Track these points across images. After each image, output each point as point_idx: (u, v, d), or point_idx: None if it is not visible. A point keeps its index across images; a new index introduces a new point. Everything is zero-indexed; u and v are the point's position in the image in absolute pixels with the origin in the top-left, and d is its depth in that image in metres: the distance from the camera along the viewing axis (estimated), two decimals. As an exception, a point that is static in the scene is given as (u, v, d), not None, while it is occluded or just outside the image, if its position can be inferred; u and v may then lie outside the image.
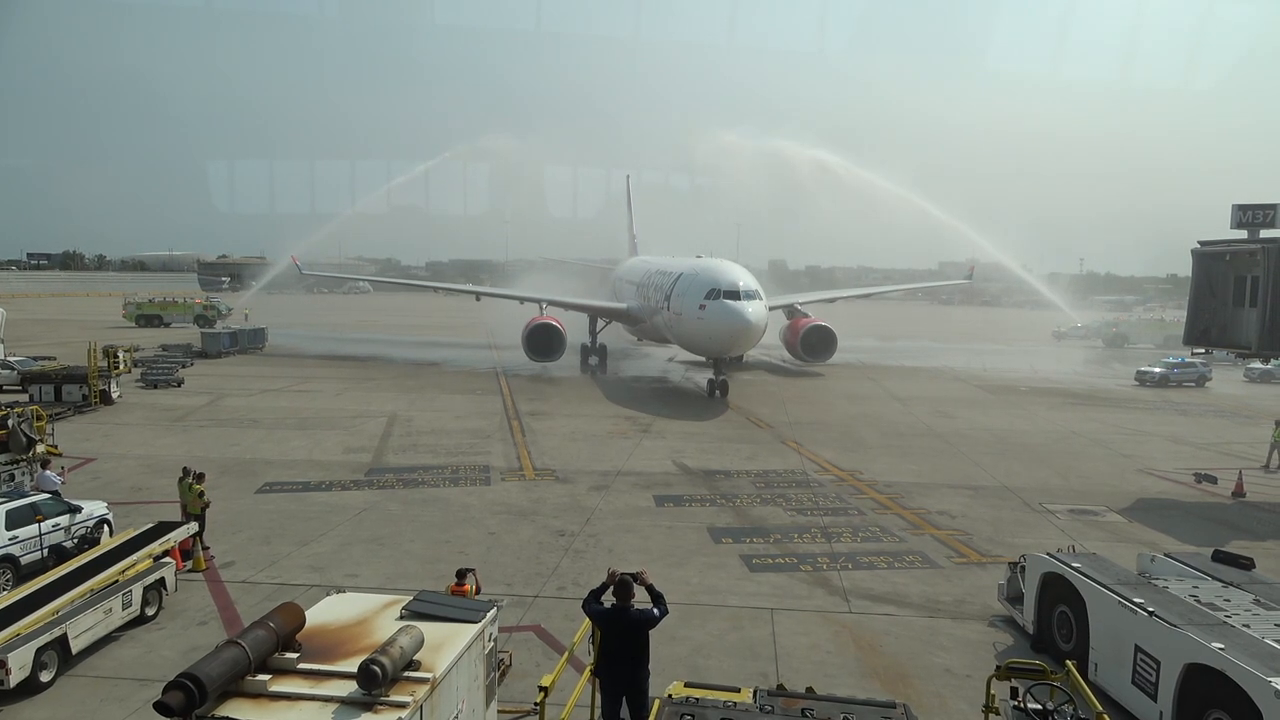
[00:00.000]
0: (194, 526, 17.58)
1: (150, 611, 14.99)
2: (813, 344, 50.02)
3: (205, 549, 17.95)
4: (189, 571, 17.14)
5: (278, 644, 8.03)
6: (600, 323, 52.73)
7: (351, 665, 7.75)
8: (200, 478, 18.85)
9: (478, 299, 58.77)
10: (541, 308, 49.23)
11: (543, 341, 46.20)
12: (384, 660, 7.56)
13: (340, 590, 10.93)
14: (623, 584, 9.88)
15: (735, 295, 37.97)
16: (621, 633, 9.71)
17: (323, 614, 9.34)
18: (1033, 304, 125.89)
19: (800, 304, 54.78)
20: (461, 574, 12.65)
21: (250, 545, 18.95)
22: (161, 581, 15.36)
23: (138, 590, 14.65)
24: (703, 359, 44.14)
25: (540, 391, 41.60)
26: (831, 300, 60.76)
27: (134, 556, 15.18)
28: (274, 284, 74.78)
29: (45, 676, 12.55)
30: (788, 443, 31.01)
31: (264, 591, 16.19)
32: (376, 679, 7.44)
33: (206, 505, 18.58)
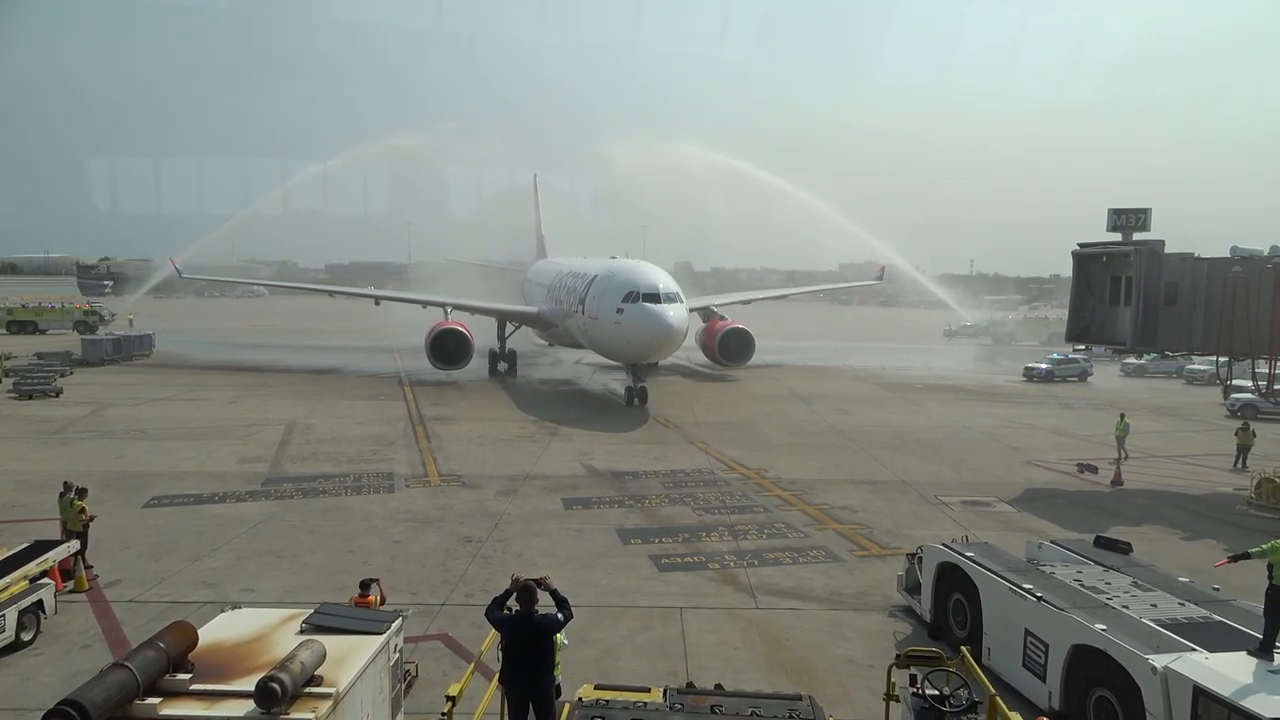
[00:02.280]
0: (75, 544, 16.62)
1: (26, 636, 14.09)
2: (730, 347, 49.02)
3: (88, 568, 16.99)
4: (70, 592, 16.18)
5: (168, 665, 7.68)
6: (509, 327, 51.26)
7: (249, 684, 7.48)
8: (82, 493, 17.82)
9: (377, 303, 56.40)
10: (446, 312, 47.58)
11: (448, 348, 44.27)
12: (283, 677, 7.32)
13: (236, 606, 10.49)
14: (525, 589, 9.80)
15: (655, 298, 36.54)
16: (526, 639, 9.64)
17: (217, 631, 8.99)
18: (926, 304, 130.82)
19: (716, 306, 53.72)
20: (365, 584, 12.32)
21: (137, 562, 18.04)
22: (39, 604, 14.46)
23: (12, 614, 13.75)
24: (617, 364, 43.15)
25: (445, 396, 40.92)
26: (747, 301, 60.01)
27: (8, 578, 14.23)
28: (161, 288, 71.28)
29: (-92, 711, 11.68)
30: (695, 443, 31.35)
31: (153, 610, 15.44)
32: (275, 696, 7.19)
33: (89, 522, 17.59)
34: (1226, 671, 9.80)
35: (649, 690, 9.32)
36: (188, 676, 7.76)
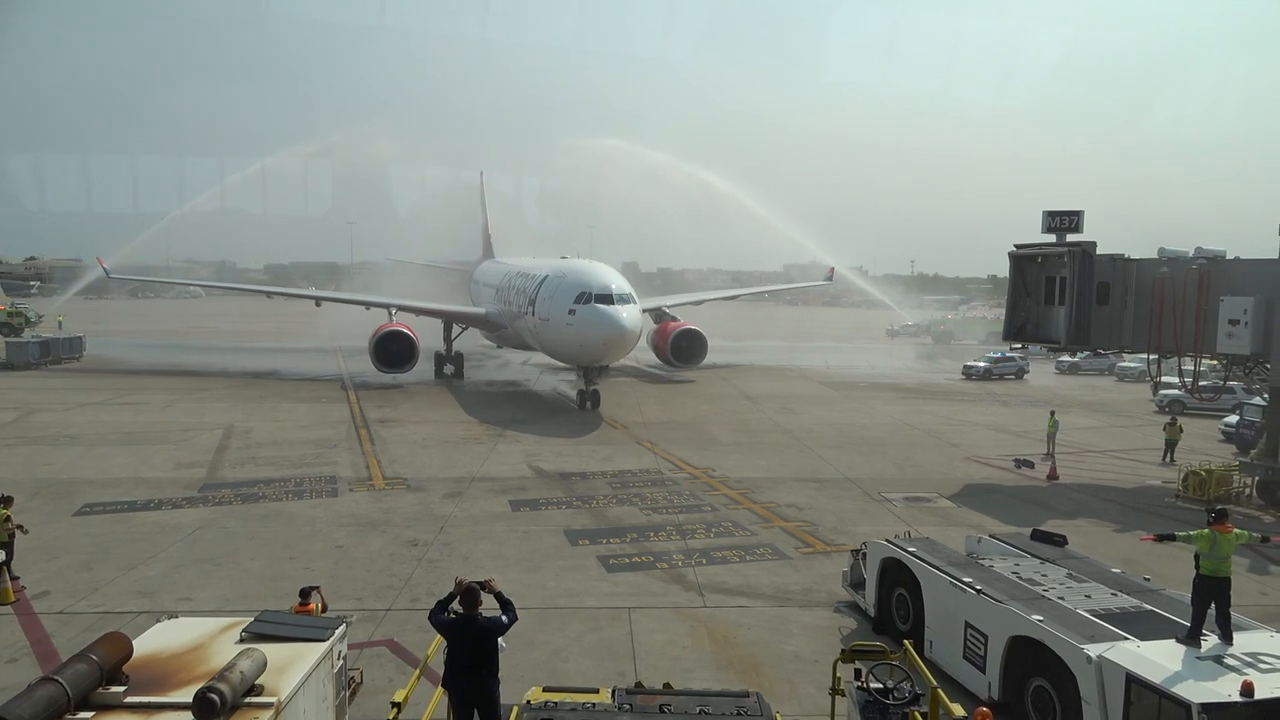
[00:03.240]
0: (0, 555, 16.03)
1: (-51, 651, 13.56)
2: (683, 349, 48.49)
3: (14, 579, 16.37)
4: (-5, 605, 15.62)
5: (101, 677, 7.43)
6: (456, 329, 50.20)
7: (186, 695, 7.28)
8: (7, 501, 17.20)
9: (318, 304, 55.06)
10: (390, 313, 46.40)
11: (392, 350, 43.05)
12: (222, 687, 7.14)
13: (172, 615, 10.21)
14: (469, 592, 9.71)
15: (608, 299, 35.75)
16: (469, 642, 9.56)
17: (153, 642, 8.73)
18: (870, 304, 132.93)
19: (668, 307, 52.92)
20: (305, 592, 12.03)
21: (68, 572, 17.45)
22: (-38, 618, 13.92)
23: (-67, 629, 13.22)
24: (567, 366, 42.39)
25: (390, 399, 40.33)
26: (699, 302, 59.65)
27: (-72, 592, 13.70)
28: (92, 289, 69.23)
29: None
30: (642, 443, 31.41)
31: (85, 622, 14.95)
32: (214, 707, 7.01)
33: (15, 532, 16.96)
34: (1157, 659, 10.13)
35: (597, 691, 9.31)
36: (122, 689, 7.53)
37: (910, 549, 14.98)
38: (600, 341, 35.74)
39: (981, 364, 55.58)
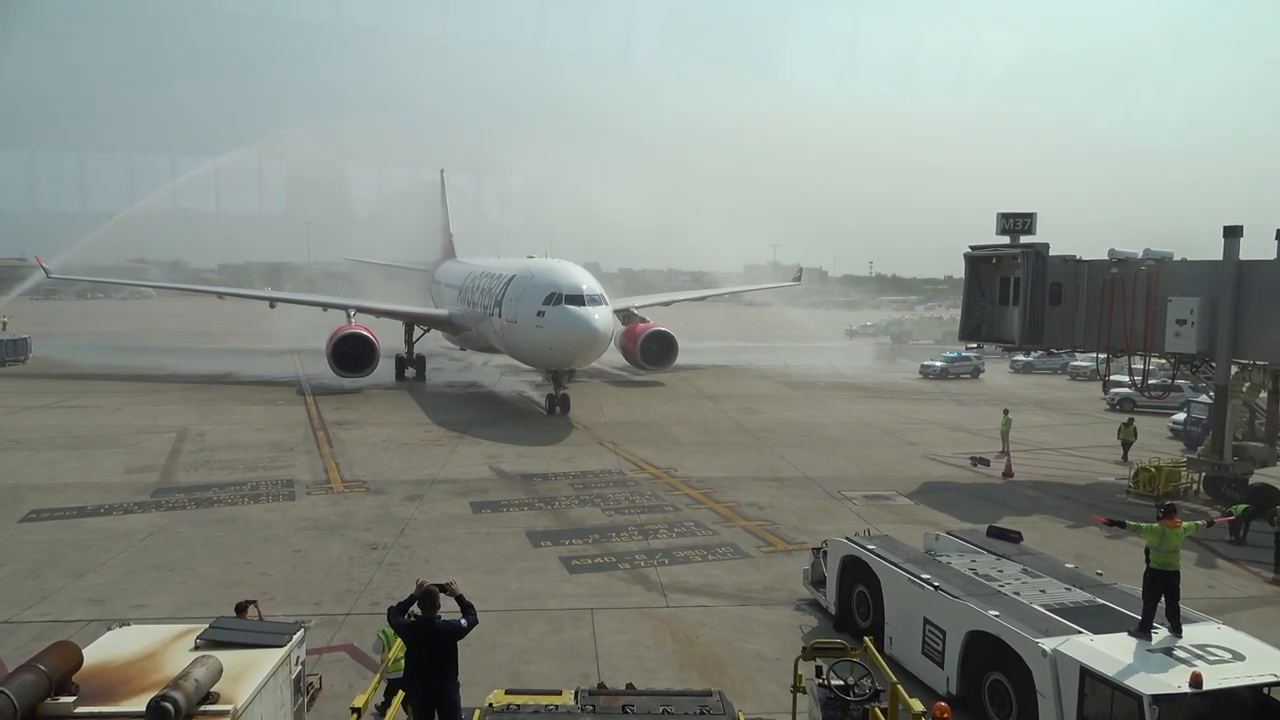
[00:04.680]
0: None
1: (-112, 664, 13.12)
2: (653, 351, 47.62)
3: (-42, 588, 15.92)
4: (-62, 615, 15.15)
5: (50, 688, 7.25)
6: (417, 331, 48.81)
7: (139, 704, 7.13)
8: (-50, 508, 16.72)
9: (272, 305, 53.49)
10: (349, 315, 45.39)
11: (351, 353, 41.74)
12: (175, 695, 7.00)
13: (124, 623, 9.99)
14: (427, 595, 9.62)
15: (579, 300, 34.53)
16: (428, 645, 9.48)
17: (104, 650, 8.54)
18: (830, 304, 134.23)
19: (637, 308, 51.86)
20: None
21: (14, 580, 16.98)
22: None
23: None
24: (531, 368, 41.52)
25: (349, 402, 39.81)
26: (668, 303, 59.20)
27: None
28: (38, 290, 67.35)
29: None
30: (604, 443, 31.38)
31: (32, 631, 14.55)
32: (167, 716, 6.88)
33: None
34: (1110, 652, 10.36)
35: (560, 693, 9.28)
36: (71, 699, 7.36)
37: (870, 547, 15.14)
38: (571, 344, 34.64)
39: (938, 363, 56.39)
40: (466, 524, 21.48)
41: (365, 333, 42.80)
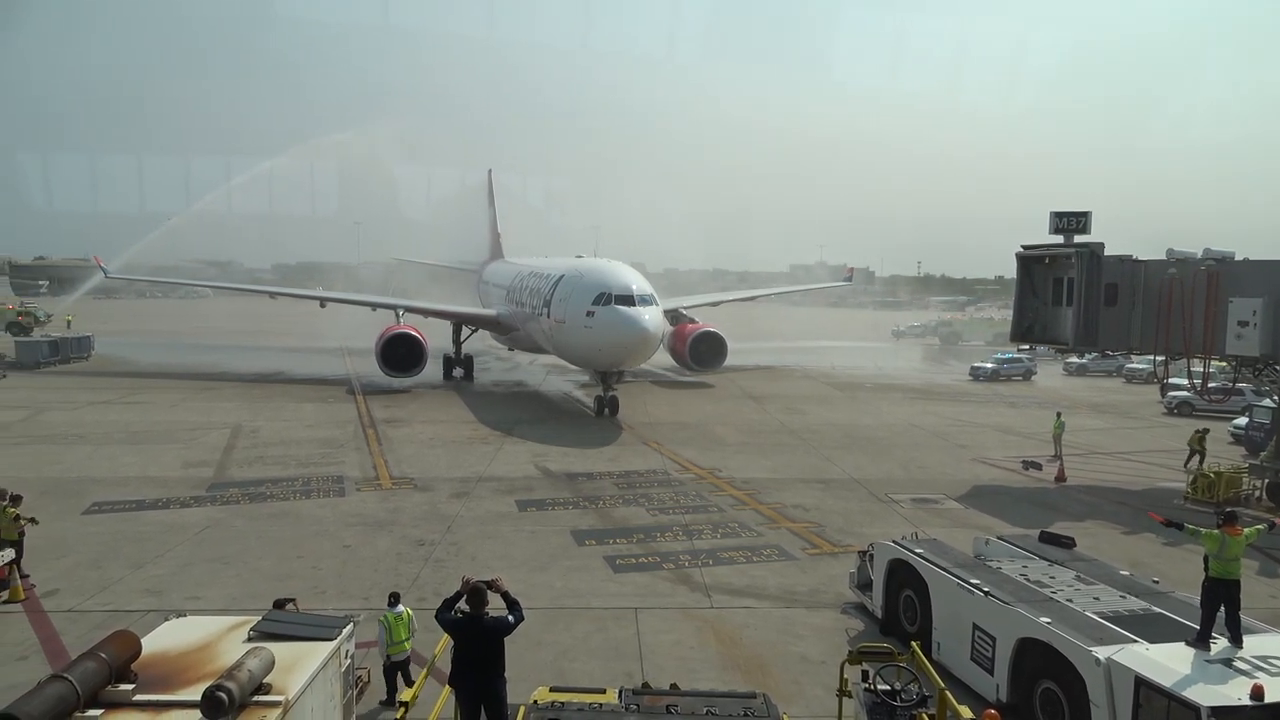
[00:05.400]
0: (10, 554, 16.14)
1: (-41, 649, 13.63)
2: (702, 352, 47.10)
3: (24, 577, 16.48)
4: (5, 603, 15.69)
5: (110, 675, 7.47)
6: (465, 330, 48.90)
7: (194, 693, 7.30)
8: (16, 500, 17.28)
9: (322, 305, 54.02)
10: (398, 315, 45.72)
11: (400, 353, 41.85)
12: (230, 685, 7.16)
13: (180, 614, 10.25)
14: (475, 591, 9.73)
15: (629, 300, 33.84)
16: (476, 642, 9.57)
17: (161, 640, 8.77)
18: (876, 304, 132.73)
19: (685, 308, 51.29)
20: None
21: (77, 571, 17.53)
22: (-28, 615, 13.99)
23: (-57, 626, 13.29)
24: (578, 368, 41.24)
25: (397, 400, 40.32)
26: (716, 304, 58.80)
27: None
28: (101, 289, 69.37)
29: None
30: (649, 443, 31.40)
31: (94, 620, 15.01)
32: (222, 706, 7.03)
33: (24, 530, 17.04)
34: (1166, 662, 10.09)
35: (604, 691, 9.31)
36: (130, 687, 7.56)
37: (917, 550, 14.95)
38: (621, 345, 34.03)
39: (989, 365, 55.42)
40: (512, 522, 21.65)
41: (414, 333, 42.97)
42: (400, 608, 12.78)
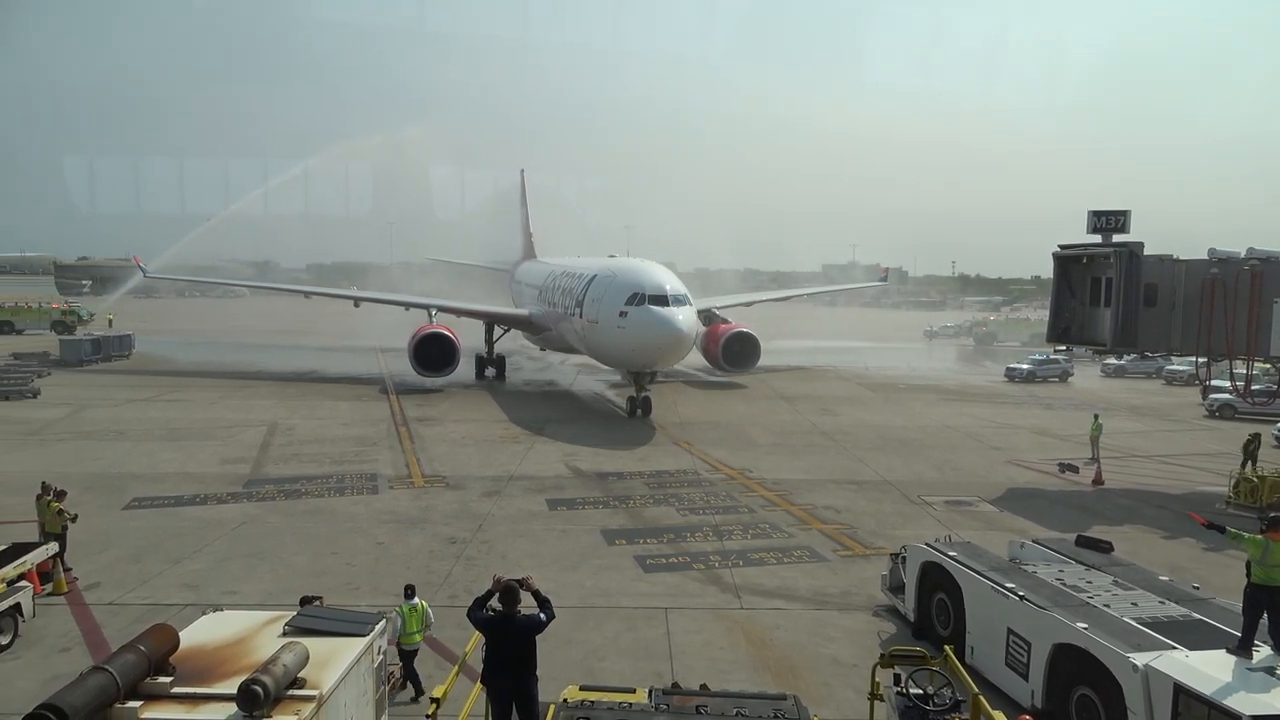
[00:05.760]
0: (54, 547, 16.46)
1: (4, 640, 13.95)
2: (735, 352, 46.70)
3: (67, 570, 16.83)
4: (48, 595, 16.02)
5: (149, 668, 7.60)
6: (498, 330, 49.13)
7: (231, 686, 7.41)
8: (60, 495, 17.67)
9: (356, 305, 54.56)
10: (430, 314, 45.95)
11: (433, 353, 41.94)
12: (265, 679, 7.26)
13: (217, 608, 10.41)
14: (508, 590, 9.77)
15: (662, 300, 33.54)
16: (508, 640, 9.62)
17: (199, 634, 8.91)
18: (910, 305, 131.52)
19: (718, 308, 50.74)
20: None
21: (118, 565, 17.88)
22: (17, 607, 14.29)
23: (-11, 618, 13.61)
24: (609, 368, 41.08)
25: (429, 399, 40.64)
26: (749, 304, 58.49)
27: (-15, 582, 14.09)
28: (142, 288, 70.58)
29: (-118, 716, 11.53)
30: (679, 443, 31.36)
31: (134, 613, 15.30)
32: (258, 699, 7.13)
33: (68, 524, 17.42)
34: (1206, 669, 9.90)
35: (634, 691, 9.31)
36: (169, 679, 7.69)
37: (951, 553, 14.79)
38: (654, 346, 33.71)
39: (1024, 366, 54.71)
40: (543, 520, 21.73)
41: (446, 332, 43.08)
42: (415, 600, 13.21)
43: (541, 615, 9.75)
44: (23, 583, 14.77)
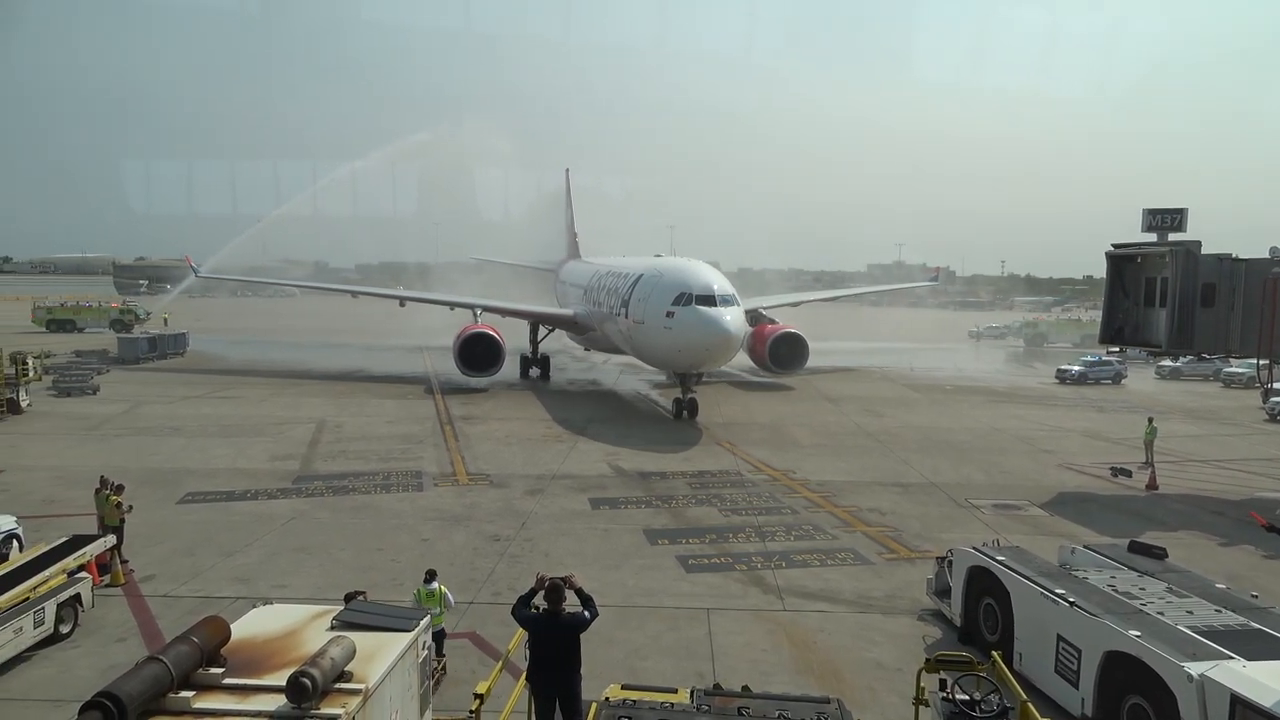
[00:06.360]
0: (111, 539, 16.93)
1: (65, 629, 14.36)
2: (782, 354, 46.13)
3: (124, 562, 17.30)
4: (106, 586, 16.47)
5: (202, 659, 7.77)
6: (542, 330, 49.25)
7: (280, 678, 7.54)
8: (118, 488, 18.18)
9: (401, 304, 54.94)
10: (475, 314, 46.17)
11: (478, 353, 41.98)
12: (314, 672, 7.37)
13: (267, 602, 10.61)
14: (554, 588, 9.83)
15: (710, 300, 33.01)
16: (553, 638, 9.66)
17: (249, 627, 9.08)
18: (956, 305, 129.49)
19: (765, 308, 50.05)
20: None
21: (172, 558, 18.32)
22: (77, 597, 14.72)
23: (51, 607, 14.02)
24: (659, 371, 40.74)
25: (473, 398, 40.98)
26: (796, 304, 57.91)
27: (46, 572, 14.52)
28: (198, 288, 72.14)
29: (-50, 701, 11.94)
30: (722, 443, 31.26)
31: (187, 605, 15.66)
32: (306, 691, 7.25)
33: (125, 517, 17.91)
34: (1266, 680, 9.60)
35: (676, 691, 9.31)
36: (220, 670, 7.85)
37: (999, 558, 14.55)
38: (701, 347, 33.21)
39: (1076, 368, 53.59)
40: (585, 519, 21.81)
41: (491, 332, 43.13)
42: (434, 584, 13.59)
43: (586, 613, 9.79)
44: (82, 574, 15.21)
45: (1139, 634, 11.09)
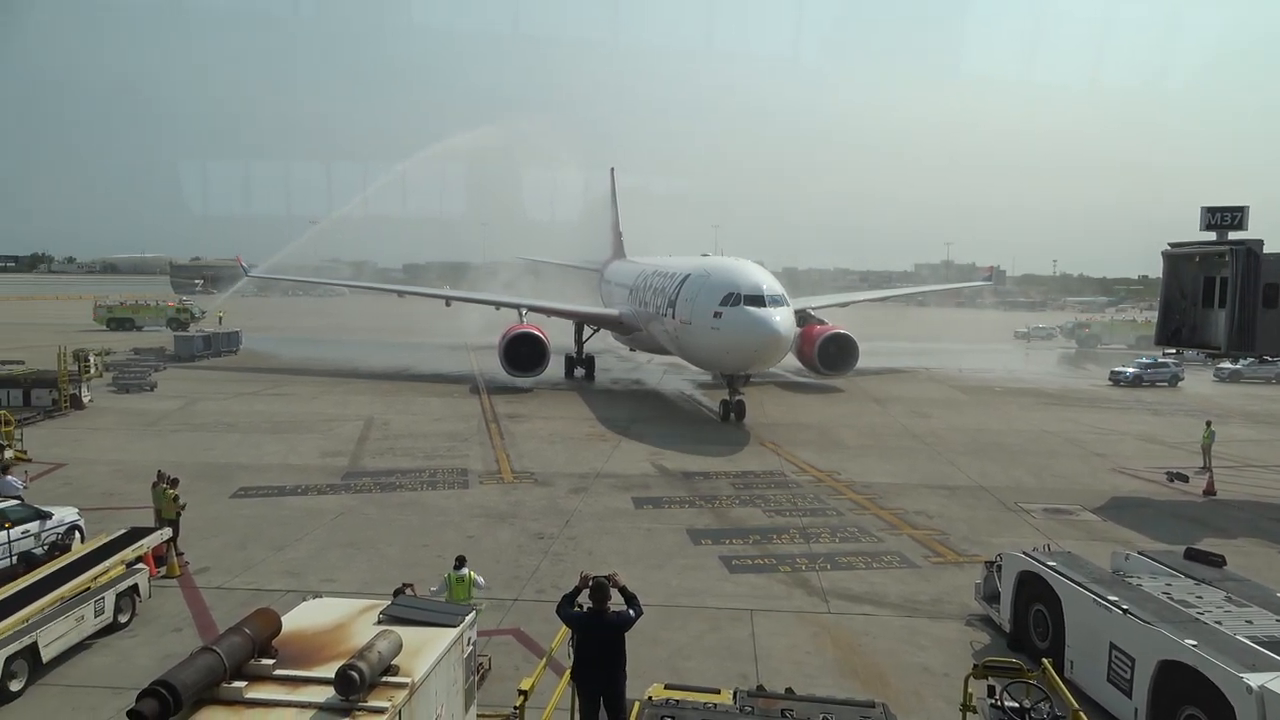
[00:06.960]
0: (168, 532, 17.38)
1: (123, 619, 14.80)
2: (831, 355, 45.14)
3: (179, 555, 17.75)
4: (163, 578, 16.94)
5: (254, 650, 7.93)
6: (587, 330, 49.15)
7: (329, 671, 7.67)
8: (174, 482, 18.67)
9: (448, 304, 55.06)
10: (521, 314, 46.24)
11: (523, 353, 41.95)
12: (361, 665, 7.49)
13: (317, 595, 10.82)
14: (598, 587, 9.86)
15: (759, 300, 32.41)
16: (598, 636, 9.70)
17: (299, 619, 9.25)
18: (1005, 305, 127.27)
19: (814, 309, 48.94)
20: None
21: (225, 551, 18.75)
22: (135, 588, 15.16)
23: (110, 597, 14.45)
24: (704, 372, 40.36)
25: (519, 396, 41.23)
26: (845, 304, 57.27)
27: (106, 563, 14.94)
28: (252, 287, 73.71)
29: (15, 685, 12.36)
30: (766, 444, 31.09)
31: (239, 597, 16.01)
32: (354, 684, 7.37)
33: (181, 510, 18.37)
34: (1329, 694, 9.30)
35: (719, 692, 9.29)
36: (271, 662, 8.01)
37: (1050, 563, 14.27)
38: (750, 348, 32.66)
39: (1131, 370, 52.34)
40: (629, 518, 21.85)
41: (536, 332, 43.08)
42: (464, 570, 14.12)
43: (630, 612, 9.82)
44: (140, 565, 15.64)
45: (1195, 643, 10.80)
